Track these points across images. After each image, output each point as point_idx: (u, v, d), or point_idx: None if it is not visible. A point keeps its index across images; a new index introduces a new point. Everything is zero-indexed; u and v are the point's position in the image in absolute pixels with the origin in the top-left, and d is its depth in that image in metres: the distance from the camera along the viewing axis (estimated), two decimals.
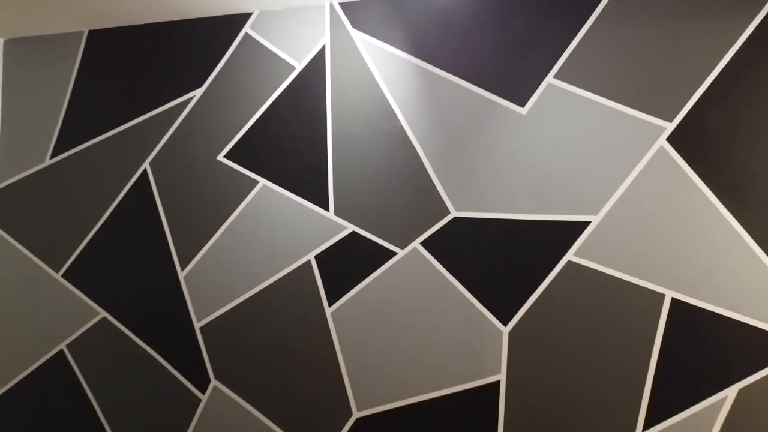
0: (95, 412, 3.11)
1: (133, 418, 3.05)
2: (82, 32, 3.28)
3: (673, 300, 2.47)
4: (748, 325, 2.39)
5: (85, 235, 3.19)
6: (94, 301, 3.15)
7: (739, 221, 2.41)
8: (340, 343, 2.81)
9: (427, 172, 2.76)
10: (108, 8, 2.98)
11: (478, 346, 2.65)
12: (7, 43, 3.40)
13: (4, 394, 3.22)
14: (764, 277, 2.38)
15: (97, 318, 3.14)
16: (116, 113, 3.19)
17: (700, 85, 2.48)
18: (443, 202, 2.73)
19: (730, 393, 2.40)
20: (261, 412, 2.89)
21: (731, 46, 2.45)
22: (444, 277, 2.70)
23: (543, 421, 2.56)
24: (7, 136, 3.35)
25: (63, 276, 3.21)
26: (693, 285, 2.45)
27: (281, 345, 2.88)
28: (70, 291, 3.19)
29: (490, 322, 2.64)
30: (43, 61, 3.32)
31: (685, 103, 2.49)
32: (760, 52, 2.43)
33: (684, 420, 2.43)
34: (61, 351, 3.18)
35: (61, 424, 3.14)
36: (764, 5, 2.43)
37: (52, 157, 3.28)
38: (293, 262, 2.89)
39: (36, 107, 3.31)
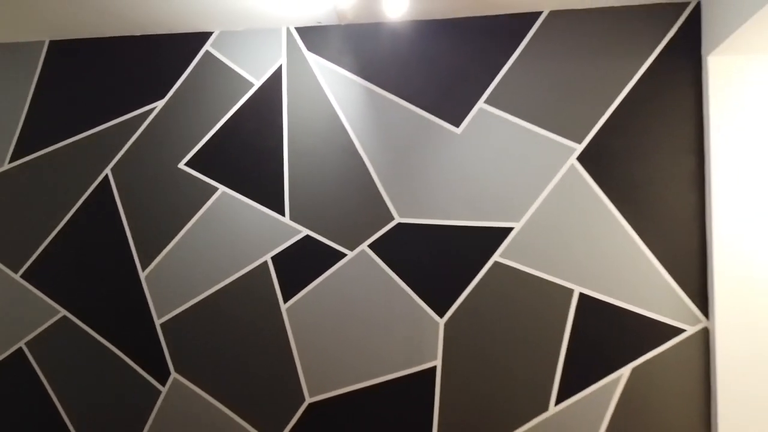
0: (55, 406, 3.25)
1: (93, 411, 3.22)
2: (43, 42, 3.40)
3: (581, 294, 2.92)
4: (641, 314, 2.87)
5: (45, 237, 3.32)
6: (54, 301, 3.29)
7: (633, 228, 2.89)
8: (294, 336, 3.11)
9: (374, 182, 3.10)
10: (70, 20, 3.12)
11: (417, 336, 3.01)
12: None
13: None
14: (654, 275, 2.87)
15: (57, 317, 3.29)
16: (78, 121, 3.34)
17: (603, 113, 2.95)
18: (388, 209, 3.08)
19: (626, 371, 2.87)
20: (219, 401, 3.13)
21: (628, 83, 2.93)
22: (388, 275, 3.05)
23: (473, 399, 2.96)
24: None
25: (22, 276, 3.32)
26: (597, 282, 2.91)
27: (239, 339, 3.14)
28: (29, 291, 3.31)
29: (428, 314, 3.02)
30: (1, 68, 3.41)
31: (592, 128, 2.95)
32: (649, 89, 2.92)
33: (589, 394, 2.89)
34: (20, 349, 3.30)
35: (21, 419, 3.26)
36: (652, 53, 2.92)
37: (10, 161, 3.38)
38: (251, 263, 3.16)
39: None
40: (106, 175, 3.30)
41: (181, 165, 3.24)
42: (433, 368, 3.00)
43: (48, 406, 3.25)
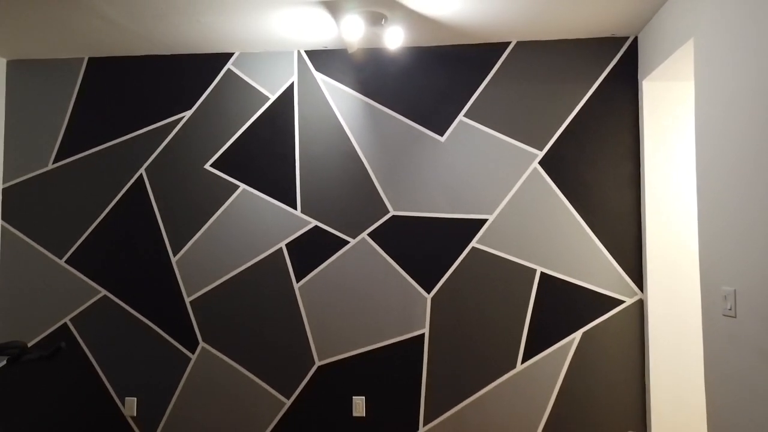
0: (97, 372, 3.78)
1: (132, 376, 3.76)
2: (82, 58, 3.91)
3: (542, 273, 3.58)
4: (590, 289, 3.55)
5: (87, 228, 3.84)
6: (96, 283, 3.82)
7: (584, 220, 3.56)
8: (305, 310, 3.70)
9: (372, 181, 3.70)
10: (110, 39, 3.63)
11: (409, 308, 3.64)
12: (10, 63, 3.95)
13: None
14: (600, 257, 3.54)
15: (98, 296, 3.82)
16: (115, 127, 3.86)
17: (560, 126, 3.60)
18: (384, 204, 3.69)
19: (578, 335, 3.55)
20: (241, 365, 3.71)
21: (580, 101, 3.59)
22: (385, 259, 3.67)
23: (455, 359, 3.60)
24: (11, 144, 3.91)
25: (66, 262, 3.84)
26: (555, 263, 3.57)
27: (258, 313, 3.72)
28: (72, 274, 3.83)
29: (418, 290, 3.64)
30: (45, 81, 3.91)
31: (551, 138, 3.60)
32: (597, 106, 3.58)
33: (549, 353, 3.55)
34: (65, 324, 3.83)
35: (68, 385, 3.79)
36: (599, 77, 3.58)
37: (54, 162, 3.89)
38: (268, 249, 3.74)
39: (39, 120, 3.90)
40: (141, 175, 3.83)
41: (207, 166, 3.80)
42: (422, 335, 3.63)
43: (91, 373, 3.78)
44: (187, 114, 3.83)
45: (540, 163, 3.61)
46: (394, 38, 3.27)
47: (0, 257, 3.88)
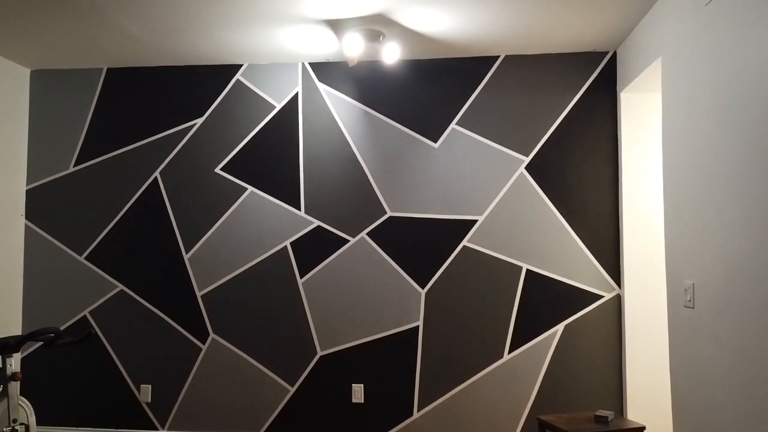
0: (114, 362, 4.07)
1: (146, 365, 4.05)
2: (101, 69, 4.20)
3: (527, 270, 3.87)
4: (572, 285, 3.83)
5: (105, 227, 4.13)
6: (113, 278, 4.11)
7: (567, 221, 3.85)
8: (308, 304, 3.98)
9: (371, 184, 3.99)
10: (127, 51, 3.91)
11: (405, 302, 3.92)
12: (33, 73, 4.24)
13: (36, 351, 4.10)
14: (582, 256, 3.82)
15: (116, 290, 4.11)
16: (131, 133, 4.15)
17: (545, 133, 3.89)
18: (382, 205, 3.98)
19: (560, 327, 3.83)
20: (249, 355, 4.00)
21: (563, 111, 3.88)
22: (382, 256, 3.96)
23: (446, 350, 3.88)
24: (35, 149, 4.20)
25: (86, 258, 4.13)
26: (539, 261, 3.86)
27: (264, 306, 4.01)
28: (91, 269, 4.12)
29: (413, 286, 3.93)
30: (66, 90, 4.20)
31: (536, 145, 3.89)
32: (579, 116, 3.87)
33: (533, 344, 3.84)
34: (84, 316, 4.11)
35: (87, 373, 4.07)
36: (581, 88, 3.87)
37: (75, 165, 4.18)
38: (274, 247, 4.02)
39: (60, 126, 4.19)
40: (156, 177, 4.12)
41: (217, 170, 4.08)
42: (417, 327, 3.92)
43: (107, 360, 4.07)
44: (199, 121, 4.11)
45: (526, 168, 3.89)
46: (391, 53, 3.56)
47: (25, 254, 4.16)
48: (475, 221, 3.91)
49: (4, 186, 4.00)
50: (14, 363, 2.62)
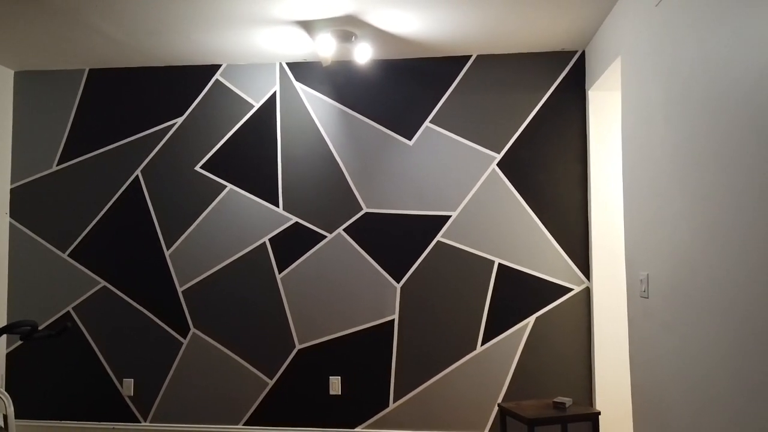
0: (97, 356, 4.16)
1: (129, 359, 4.14)
2: (83, 70, 4.28)
3: (500, 264, 3.97)
4: (542, 278, 3.93)
5: (88, 224, 4.22)
6: (96, 274, 4.20)
7: (537, 216, 3.95)
8: (286, 298, 4.08)
9: (347, 181, 4.08)
10: (108, 53, 3.99)
11: (380, 296, 4.02)
12: (17, 74, 4.32)
13: (20, 346, 4.19)
14: (552, 250, 3.92)
15: (99, 286, 4.19)
16: (113, 132, 4.24)
17: (516, 131, 3.99)
18: (358, 201, 4.08)
19: (531, 319, 3.93)
20: (228, 349, 4.09)
21: (534, 108, 3.98)
22: (358, 252, 4.05)
23: (421, 342, 3.98)
24: (18, 148, 4.28)
25: (69, 255, 4.22)
26: (511, 255, 3.96)
27: (244, 301, 4.10)
28: (75, 266, 4.21)
29: (389, 280, 4.03)
30: (49, 90, 4.28)
31: (508, 142, 3.99)
32: (549, 114, 3.97)
33: (505, 336, 3.94)
34: (68, 312, 4.20)
35: (70, 367, 4.16)
36: (551, 87, 3.97)
37: (58, 164, 4.26)
38: (253, 243, 4.12)
39: (44, 126, 4.28)
40: (137, 176, 4.21)
41: (197, 168, 4.18)
42: (392, 321, 4.01)
43: (91, 356, 4.16)
44: (179, 120, 4.20)
45: (498, 164, 4.00)
46: (363, 53, 3.66)
47: (9, 252, 4.25)
48: (448, 217, 4.01)
49: None
50: None
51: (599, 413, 2.88)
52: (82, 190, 4.24)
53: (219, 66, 4.20)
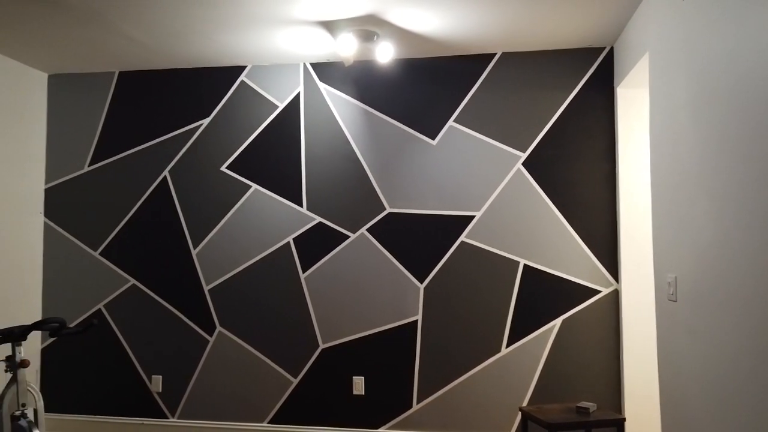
0: (127, 352, 4.25)
1: (157, 356, 4.22)
2: (113, 72, 4.38)
3: (525, 265, 3.90)
4: (570, 280, 3.85)
5: (118, 224, 4.32)
6: (126, 272, 4.29)
7: (564, 216, 3.87)
8: (310, 298, 4.10)
9: (370, 181, 4.07)
10: (136, 56, 4.08)
11: (403, 297, 4.00)
12: (51, 77, 4.45)
13: (54, 342, 4.32)
14: (579, 251, 3.84)
15: (128, 284, 4.29)
16: (141, 134, 4.32)
17: (542, 130, 3.91)
18: (381, 201, 4.06)
19: (558, 322, 3.86)
20: (254, 347, 4.13)
21: (560, 107, 3.90)
22: (382, 252, 4.04)
23: (445, 344, 3.95)
24: (52, 149, 4.41)
25: (100, 254, 4.32)
26: (537, 256, 3.89)
27: (268, 300, 4.13)
28: (106, 265, 4.31)
29: (412, 281, 4.00)
30: (81, 93, 4.40)
31: (533, 141, 3.92)
32: (576, 111, 3.88)
33: (531, 339, 3.87)
34: (99, 309, 4.30)
35: (101, 362, 4.27)
36: (578, 84, 3.88)
37: (90, 165, 4.37)
38: (277, 243, 4.15)
39: (76, 127, 4.39)
40: (165, 176, 4.28)
41: (223, 168, 4.23)
42: (416, 321, 3.99)
43: (121, 352, 4.26)
44: (206, 121, 4.26)
45: (523, 164, 3.93)
46: (385, 53, 3.64)
47: (44, 250, 4.38)
48: (472, 217, 3.96)
49: (24, 185, 4.22)
50: (23, 351, 2.79)
51: (624, 419, 2.80)
52: (113, 190, 4.34)
53: (244, 67, 4.24)
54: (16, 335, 2.68)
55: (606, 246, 3.82)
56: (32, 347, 4.28)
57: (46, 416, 4.29)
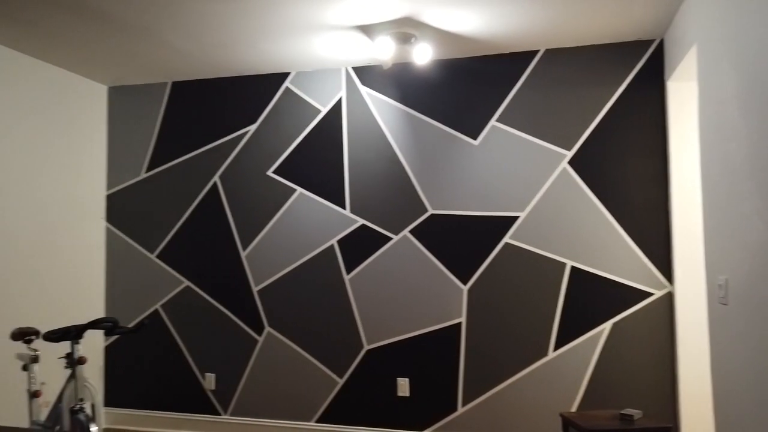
0: (182, 350, 4.43)
1: (209, 354, 4.38)
2: (167, 83, 4.58)
3: (572, 267, 3.79)
4: (620, 282, 3.71)
5: (173, 227, 4.51)
6: (180, 274, 4.47)
7: (613, 216, 3.73)
8: (354, 299, 4.14)
9: (412, 184, 4.07)
10: (186, 66, 4.25)
11: (447, 299, 3.98)
12: (110, 89, 4.70)
13: (115, 341, 4.56)
14: (629, 252, 3.69)
15: (182, 286, 4.47)
16: (194, 141, 4.50)
17: (588, 127, 3.79)
18: (423, 203, 4.05)
19: (607, 325, 3.72)
20: (300, 347, 4.21)
21: (608, 102, 3.76)
22: (424, 254, 4.03)
23: (490, 347, 3.89)
24: (112, 157, 4.66)
25: (157, 256, 4.53)
26: (585, 257, 3.77)
27: (314, 301, 4.21)
28: (162, 267, 4.51)
29: (455, 283, 3.97)
30: (138, 103, 4.63)
31: (579, 139, 3.80)
32: (625, 107, 3.73)
33: (579, 343, 3.76)
34: (157, 309, 4.51)
35: (158, 359, 4.47)
36: (626, 78, 3.73)
37: (146, 172, 4.59)
38: (322, 245, 4.21)
39: (134, 136, 4.62)
40: (215, 182, 4.44)
41: (269, 172, 4.34)
42: (459, 323, 3.95)
43: (177, 350, 4.44)
44: (252, 128, 4.39)
45: (569, 162, 3.82)
46: (423, 54, 3.62)
47: (106, 253, 4.63)
48: (516, 218, 3.89)
49: (87, 192, 4.48)
50: (81, 348, 2.96)
51: (670, 427, 2.67)
52: (168, 196, 4.54)
53: (288, 74, 4.34)
54: (73, 334, 2.85)
55: (659, 246, 3.65)
56: (97, 345, 4.54)
57: (109, 410, 4.53)
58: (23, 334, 3.08)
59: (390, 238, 4.09)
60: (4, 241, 3.76)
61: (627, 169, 3.73)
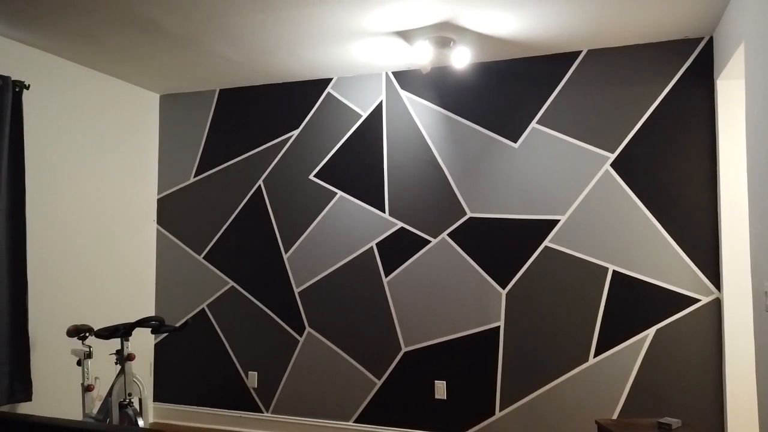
0: (227, 348, 4.57)
1: (252, 353, 4.50)
2: (215, 90, 4.75)
3: (614, 271, 3.71)
4: (664, 287, 3.61)
5: (219, 230, 4.66)
6: (225, 275, 4.62)
7: (657, 219, 3.63)
8: (393, 302, 4.17)
9: (451, 187, 4.08)
10: (233, 74, 4.40)
11: (485, 302, 3.96)
12: (162, 97, 4.91)
13: (164, 339, 4.74)
14: (675, 257, 3.59)
15: (228, 286, 4.61)
16: (239, 147, 4.65)
17: (632, 128, 3.71)
18: (462, 206, 4.05)
19: (651, 332, 3.63)
20: (340, 348, 4.28)
21: (653, 103, 3.67)
22: (462, 257, 4.03)
23: (529, 352, 3.85)
24: (163, 163, 4.86)
25: (204, 258, 4.69)
26: (627, 261, 3.68)
27: (353, 303, 4.27)
28: (209, 268, 4.67)
29: (494, 286, 3.95)
30: (187, 111, 4.82)
31: (623, 141, 3.72)
32: (671, 107, 3.63)
33: (621, 349, 3.67)
34: (203, 309, 4.67)
35: (204, 357, 4.63)
36: (673, 78, 3.63)
37: (194, 176, 4.77)
38: (361, 248, 4.27)
39: (183, 142, 4.81)
40: (260, 185, 4.57)
41: (311, 176, 4.43)
42: (498, 327, 3.93)
43: (222, 348, 4.58)
44: (296, 133, 4.49)
45: (612, 165, 3.74)
46: (462, 58, 3.63)
47: (156, 255, 4.83)
48: (557, 221, 3.84)
49: (139, 195, 4.69)
50: (129, 345, 3.12)
51: None
52: (215, 199, 4.70)
53: (330, 80, 4.42)
54: (121, 332, 3.00)
55: (706, 251, 3.54)
56: (147, 343, 4.73)
57: (158, 405, 4.72)
58: (78, 331, 3.26)
59: (428, 241, 4.11)
60: (64, 242, 3.98)
61: (673, 171, 3.62)
